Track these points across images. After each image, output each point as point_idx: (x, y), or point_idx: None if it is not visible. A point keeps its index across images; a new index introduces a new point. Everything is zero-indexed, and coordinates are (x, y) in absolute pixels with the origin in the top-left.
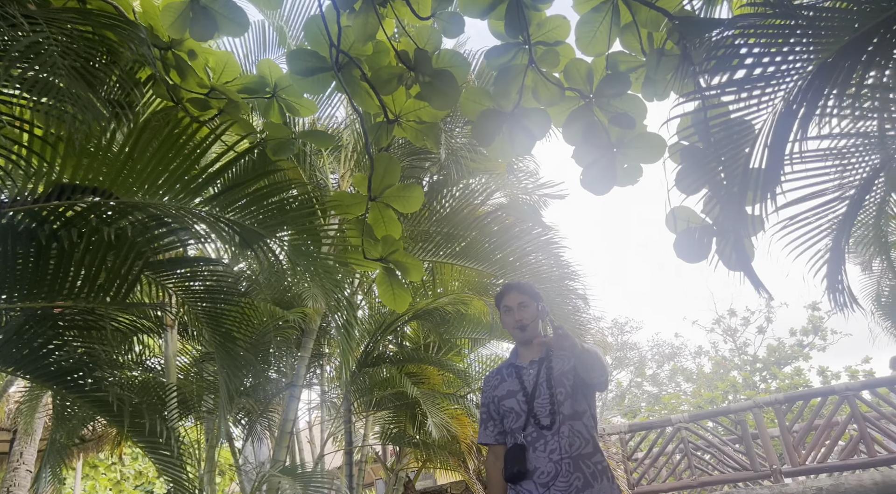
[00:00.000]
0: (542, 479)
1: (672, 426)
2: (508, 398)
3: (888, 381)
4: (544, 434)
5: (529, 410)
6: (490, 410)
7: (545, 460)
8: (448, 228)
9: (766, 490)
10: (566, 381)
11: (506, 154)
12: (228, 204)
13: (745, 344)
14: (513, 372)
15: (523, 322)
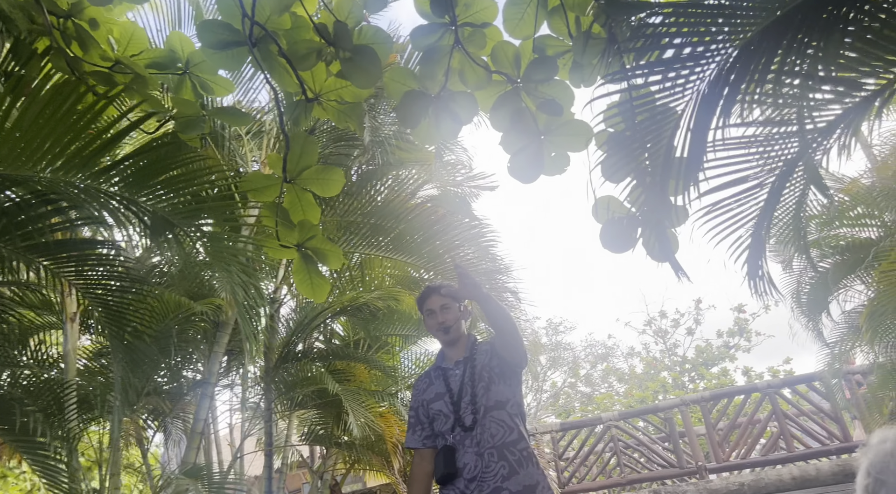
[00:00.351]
0: (469, 474)
1: (603, 424)
2: (436, 401)
3: (807, 378)
4: (473, 433)
5: (456, 412)
6: (419, 414)
7: (472, 455)
8: (376, 219)
9: (692, 486)
10: (486, 374)
11: (432, 138)
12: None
13: (675, 345)
14: (440, 374)
15: (446, 324)
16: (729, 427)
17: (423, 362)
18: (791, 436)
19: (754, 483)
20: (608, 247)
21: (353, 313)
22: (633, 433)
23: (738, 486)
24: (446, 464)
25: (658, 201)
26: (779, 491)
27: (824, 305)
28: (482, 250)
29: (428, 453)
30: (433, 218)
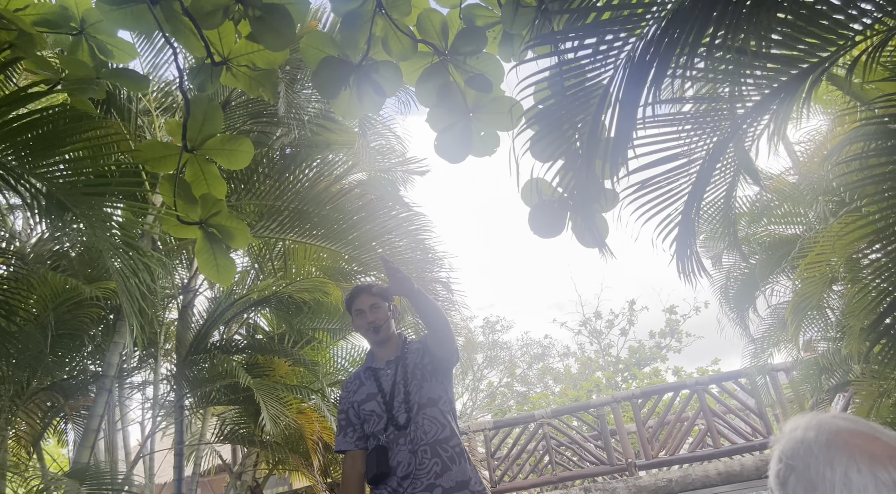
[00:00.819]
0: (402, 471)
1: (536, 421)
2: (368, 401)
3: (733, 375)
4: (406, 432)
5: (389, 411)
6: (349, 416)
7: (405, 453)
8: (300, 204)
9: (622, 483)
10: (418, 371)
11: (353, 111)
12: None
13: (609, 345)
14: (370, 374)
15: (376, 323)
16: (658, 425)
17: (354, 357)
18: (718, 433)
19: (682, 480)
20: (536, 232)
21: (278, 306)
22: (565, 431)
23: (666, 482)
24: (379, 464)
25: (587, 183)
26: (705, 487)
27: (751, 301)
28: (413, 239)
29: (360, 454)
30: (361, 203)
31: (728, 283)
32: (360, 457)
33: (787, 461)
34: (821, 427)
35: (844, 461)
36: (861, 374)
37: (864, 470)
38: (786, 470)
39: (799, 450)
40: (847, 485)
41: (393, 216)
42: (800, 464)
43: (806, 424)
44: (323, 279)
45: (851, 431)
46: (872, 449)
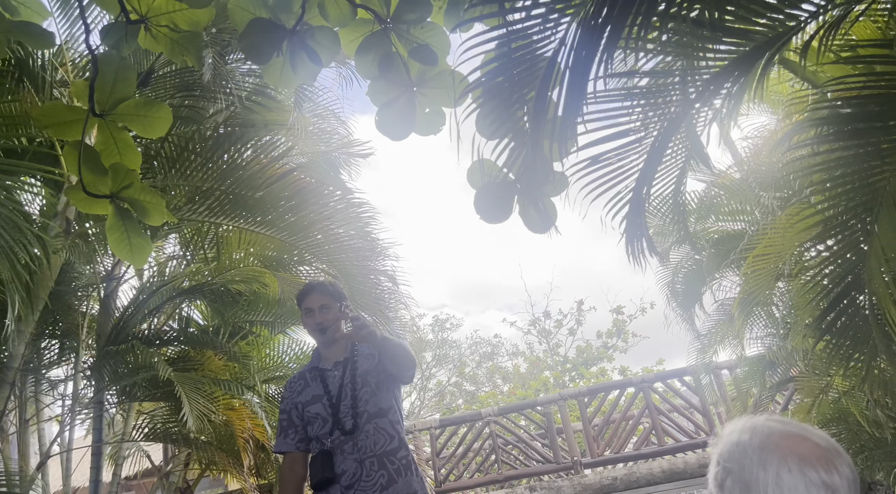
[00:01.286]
0: (346, 481)
1: (482, 420)
2: (313, 403)
3: (678, 373)
4: (352, 438)
5: (335, 415)
6: (292, 416)
7: (351, 461)
8: (235, 187)
9: (567, 482)
10: (371, 379)
11: (287, 80)
12: None
13: (558, 345)
14: (316, 375)
15: (324, 324)
16: (604, 423)
17: (297, 354)
18: (662, 431)
19: (626, 478)
20: (482, 216)
21: (212, 297)
22: (512, 429)
23: (611, 481)
24: (324, 469)
25: (535, 163)
26: (650, 485)
27: (698, 297)
28: (355, 226)
29: (300, 457)
30: (300, 185)
31: (675, 279)
32: (301, 460)
33: (724, 463)
34: (755, 430)
35: (776, 462)
36: (804, 371)
37: (795, 470)
38: (723, 473)
39: (735, 453)
40: (779, 485)
41: (335, 201)
42: (735, 466)
43: (742, 427)
44: (259, 268)
45: (783, 433)
46: (802, 450)
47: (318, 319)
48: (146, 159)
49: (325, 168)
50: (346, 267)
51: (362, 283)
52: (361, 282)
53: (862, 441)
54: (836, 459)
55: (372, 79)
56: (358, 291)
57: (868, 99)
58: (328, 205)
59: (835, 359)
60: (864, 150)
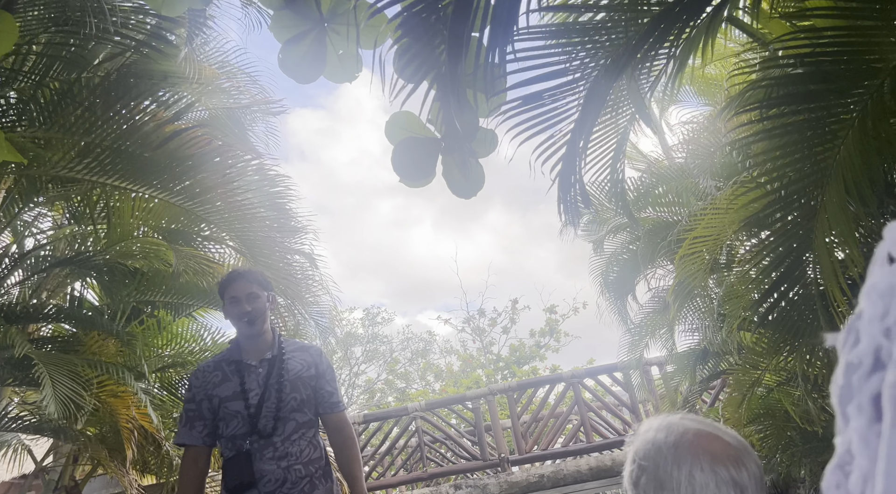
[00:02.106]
0: (268, 487)
1: (408, 415)
2: (234, 401)
3: (609, 369)
4: (273, 441)
5: (257, 415)
6: (202, 408)
7: (273, 466)
8: (126, 143)
9: (493, 479)
10: (303, 389)
11: (173, 5)
12: None
13: (491, 343)
14: (235, 370)
15: (252, 315)
16: (533, 419)
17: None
18: (591, 427)
19: (553, 475)
20: (401, 176)
21: (101, 272)
22: (439, 425)
23: (538, 478)
24: (243, 472)
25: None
26: (576, 482)
27: (631, 288)
28: (267, 196)
29: (205, 452)
30: (199, 144)
31: (609, 270)
32: (205, 455)
33: (640, 461)
34: (670, 429)
35: (689, 460)
36: (736, 364)
37: (707, 469)
38: (638, 470)
39: (650, 451)
40: (691, 483)
41: (242, 164)
42: (650, 464)
43: (657, 426)
44: (157, 240)
45: (697, 432)
46: (714, 449)
47: (247, 308)
48: (19, 104)
49: (232, 128)
50: (253, 240)
51: (274, 261)
52: (273, 260)
53: (788, 438)
54: (744, 457)
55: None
56: (270, 270)
57: (821, 57)
58: (233, 167)
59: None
60: (815, 115)
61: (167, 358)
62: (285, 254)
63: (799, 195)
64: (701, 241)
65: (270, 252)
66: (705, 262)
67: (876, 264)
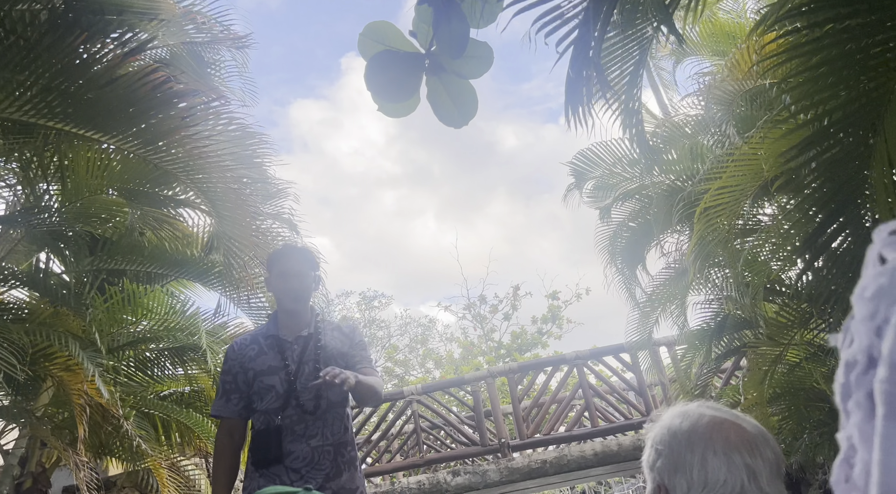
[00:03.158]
0: (296, 464)
1: (404, 399)
2: (270, 375)
3: (615, 350)
4: (306, 418)
5: (291, 391)
6: (238, 381)
7: (303, 445)
8: (74, 84)
9: (493, 465)
10: (340, 362)
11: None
12: None
13: (492, 330)
14: (274, 344)
15: (297, 292)
16: (535, 402)
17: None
18: (596, 411)
19: (557, 461)
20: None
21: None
22: (437, 409)
23: (540, 464)
24: (272, 447)
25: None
26: (581, 468)
27: (641, 258)
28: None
29: (240, 425)
30: (158, 84)
31: (617, 238)
32: (240, 428)
33: (656, 446)
34: (686, 415)
35: (703, 445)
36: (757, 338)
37: (720, 453)
38: (654, 455)
39: (666, 436)
40: (703, 466)
41: (205, 106)
42: (665, 449)
43: (675, 413)
44: (117, 200)
45: (712, 418)
46: (728, 435)
47: (294, 284)
48: None
49: (195, 68)
50: (217, 193)
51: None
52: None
53: (816, 418)
54: (760, 444)
55: None
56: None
57: None
58: (193, 110)
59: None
60: (875, 17)
61: (139, 333)
62: (258, 216)
63: (847, 125)
64: (727, 191)
65: (237, 208)
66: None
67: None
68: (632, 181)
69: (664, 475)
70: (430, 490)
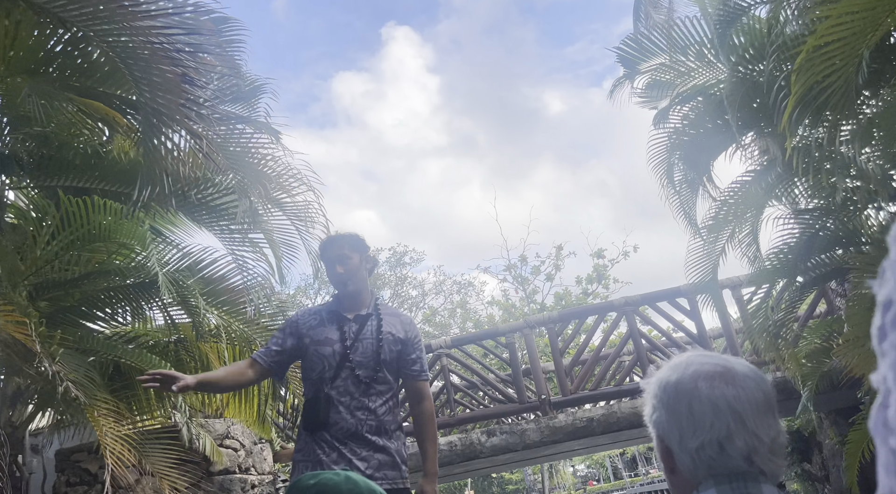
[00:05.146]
0: (338, 433)
1: (433, 353)
2: (325, 345)
3: (671, 294)
4: (352, 391)
5: (343, 362)
6: (286, 342)
7: (347, 415)
8: None
9: (533, 424)
10: (394, 347)
11: None
12: None
13: (534, 291)
14: (334, 319)
15: (344, 276)
16: (579, 354)
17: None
18: (650, 363)
19: (605, 419)
20: None
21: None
22: (468, 364)
23: (586, 422)
24: (319, 414)
25: None
26: (633, 427)
27: (706, 168)
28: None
29: (259, 368)
30: None
31: (675, 148)
32: (258, 369)
33: (652, 400)
34: (675, 367)
35: (689, 394)
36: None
37: (704, 400)
38: (651, 409)
39: (658, 390)
40: (691, 414)
41: None
42: (658, 403)
43: (667, 366)
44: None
45: (699, 366)
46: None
47: (339, 270)
48: None
49: None
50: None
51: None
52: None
53: None
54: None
55: None
56: (168, 111)
57: None
58: None
59: None
60: None
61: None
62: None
63: None
64: (845, 25)
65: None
66: (850, 56)
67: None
68: (695, 75)
69: (661, 427)
70: (463, 451)
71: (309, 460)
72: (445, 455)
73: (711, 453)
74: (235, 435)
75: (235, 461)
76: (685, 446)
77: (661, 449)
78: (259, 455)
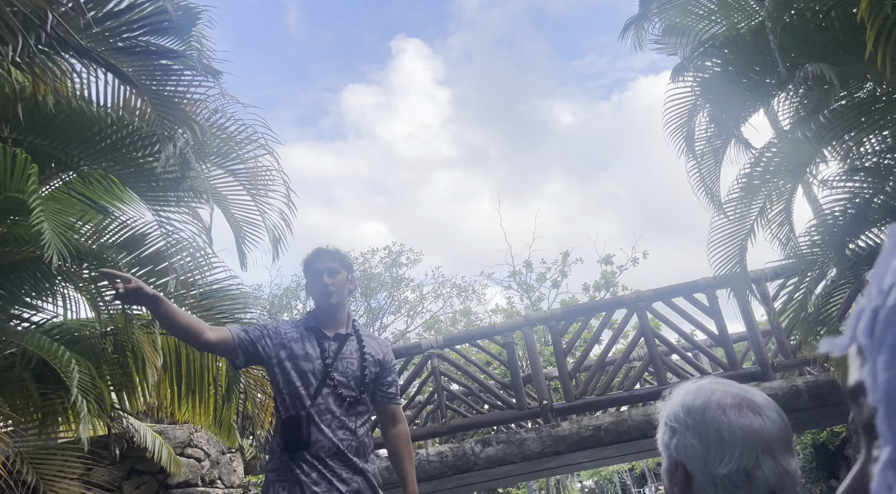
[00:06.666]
0: (320, 453)
1: (422, 354)
2: (305, 361)
3: (687, 289)
4: (333, 410)
5: (324, 380)
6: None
7: (329, 435)
8: None
9: (533, 433)
10: (373, 369)
11: None
12: None
13: (539, 299)
14: (313, 335)
15: (329, 288)
16: (584, 356)
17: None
18: (664, 365)
19: (614, 427)
20: None
21: None
22: (462, 366)
23: (593, 431)
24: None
25: None
26: (645, 437)
27: (734, 128)
28: None
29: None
30: None
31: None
32: (221, 335)
33: (670, 424)
34: (698, 392)
35: (717, 421)
36: None
37: (735, 428)
38: (669, 432)
39: (680, 414)
40: (720, 442)
41: None
42: (681, 426)
43: (686, 390)
44: None
45: (724, 393)
46: (741, 410)
47: (326, 282)
48: None
49: None
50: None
51: None
52: None
53: None
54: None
55: None
56: None
57: None
58: None
59: None
60: None
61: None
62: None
63: None
64: None
65: None
66: None
67: None
68: (723, 21)
69: (680, 452)
70: (455, 463)
71: (286, 480)
72: (436, 467)
73: (737, 482)
74: (199, 444)
75: (198, 472)
76: (710, 473)
77: (679, 475)
78: (227, 466)
